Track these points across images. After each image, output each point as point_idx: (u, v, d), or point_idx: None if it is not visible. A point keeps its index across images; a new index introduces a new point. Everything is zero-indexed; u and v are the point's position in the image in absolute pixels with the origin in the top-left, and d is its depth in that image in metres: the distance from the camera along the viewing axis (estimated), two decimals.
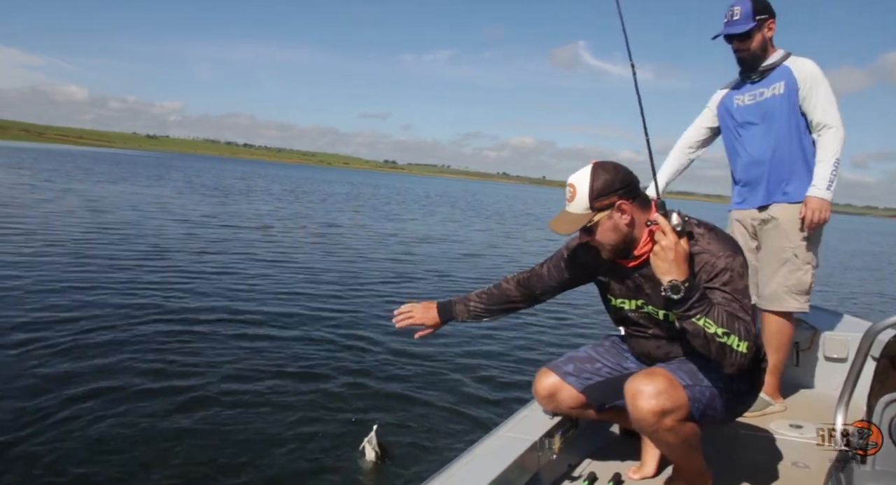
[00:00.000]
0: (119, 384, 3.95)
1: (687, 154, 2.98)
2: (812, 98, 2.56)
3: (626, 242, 1.73)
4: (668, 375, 1.69)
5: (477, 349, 5.45)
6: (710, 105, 2.91)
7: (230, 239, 11.31)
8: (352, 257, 10.47)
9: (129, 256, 8.33)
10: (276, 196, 26.48)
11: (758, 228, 2.74)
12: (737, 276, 1.63)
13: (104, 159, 60.74)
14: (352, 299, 7.11)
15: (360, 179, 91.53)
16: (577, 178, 1.71)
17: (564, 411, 2.03)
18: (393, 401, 4.06)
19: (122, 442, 3.21)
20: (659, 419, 1.64)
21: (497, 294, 2.07)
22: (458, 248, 13.53)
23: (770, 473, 2.08)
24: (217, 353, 4.72)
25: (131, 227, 11.58)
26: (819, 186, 2.53)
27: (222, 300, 6.42)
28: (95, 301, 5.91)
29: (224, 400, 3.85)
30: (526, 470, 1.84)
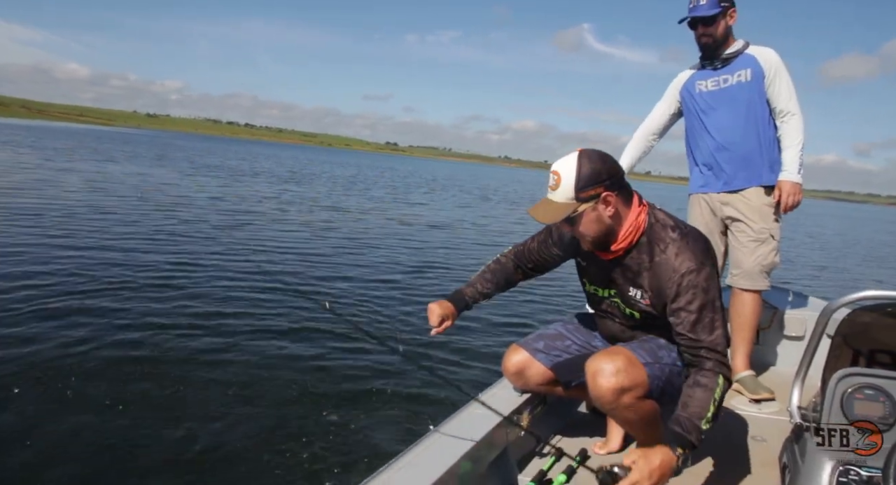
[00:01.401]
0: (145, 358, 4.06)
1: (650, 140, 3.07)
2: (776, 85, 2.66)
3: (608, 235, 1.72)
4: (629, 353, 1.76)
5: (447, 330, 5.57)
6: (671, 90, 2.97)
7: (237, 224, 11.11)
8: (371, 245, 10.29)
9: (134, 245, 8.21)
10: (282, 178, 26.27)
11: (726, 211, 2.82)
12: (700, 291, 1.63)
13: (106, 138, 60.43)
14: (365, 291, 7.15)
15: (363, 161, 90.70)
16: (562, 165, 1.67)
17: (533, 388, 2.08)
18: (358, 380, 4.13)
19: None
20: (618, 397, 1.70)
21: (499, 270, 2.12)
22: (474, 234, 13.39)
23: (730, 447, 2.17)
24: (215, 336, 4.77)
25: (136, 210, 11.48)
26: (790, 171, 2.66)
27: (235, 288, 6.38)
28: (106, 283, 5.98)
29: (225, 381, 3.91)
30: (495, 446, 1.88)
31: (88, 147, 35.82)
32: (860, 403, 1.35)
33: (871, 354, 1.52)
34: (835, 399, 1.36)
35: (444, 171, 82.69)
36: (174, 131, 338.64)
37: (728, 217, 2.83)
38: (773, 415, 2.50)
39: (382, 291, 6.86)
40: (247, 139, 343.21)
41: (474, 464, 1.71)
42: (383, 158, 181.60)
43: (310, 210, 14.83)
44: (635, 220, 1.72)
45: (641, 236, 1.73)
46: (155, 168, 23.91)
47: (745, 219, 2.75)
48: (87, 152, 29.76)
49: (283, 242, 9.62)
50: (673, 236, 1.70)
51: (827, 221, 48.09)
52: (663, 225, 1.72)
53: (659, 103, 3.03)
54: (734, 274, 2.81)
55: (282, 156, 65.06)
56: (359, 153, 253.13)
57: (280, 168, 36.34)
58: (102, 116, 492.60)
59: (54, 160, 22.00)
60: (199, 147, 65.20)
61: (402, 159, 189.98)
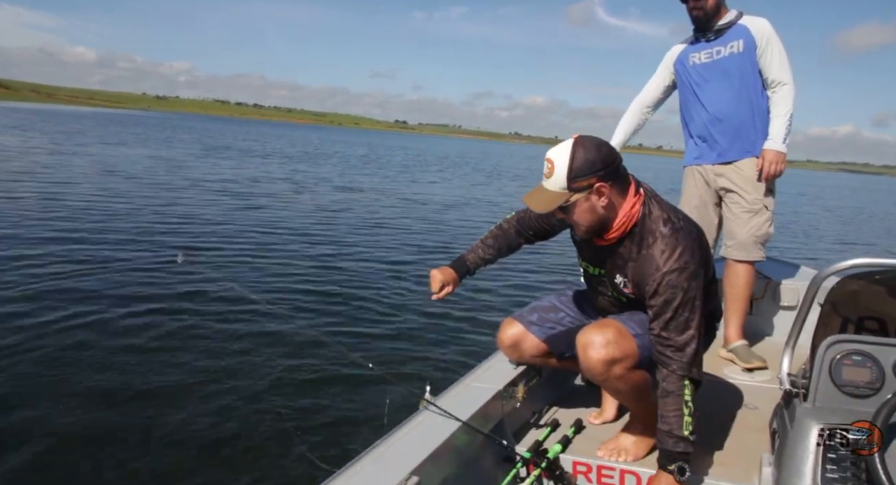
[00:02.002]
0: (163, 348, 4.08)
1: (644, 113, 3.06)
2: (768, 55, 2.65)
3: (601, 225, 1.71)
4: (619, 325, 1.77)
5: (441, 302, 5.58)
6: (665, 63, 2.96)
7: (251, 207, 11.06)
8: (388, 225, 10.27)
9: (145, 228, 8.25)
10: (295, 159, 26.33)
11: (720, 182, 2.82)
12: (679, 290, 1.63)
13: (116, 121, 60.67)
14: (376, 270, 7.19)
15: (373, 140, 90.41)
16: (557, 154, 1.64)
17: (528, 361, 2.10)
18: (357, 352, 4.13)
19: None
20: (608, 368, 1.72)
21: (501, 236, 2.13)
22: (488, 214, 13.38)
23: (723, 415, 2.22)
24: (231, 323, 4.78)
25: (150, 193, 11.50)
26: (775, 140, 2.66)
27: (249, 270, 6.43)
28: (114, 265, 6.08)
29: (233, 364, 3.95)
30: (490, 418, 1.90)
31: (99, 131, 36.00)
32: (848, 368, 1.37)
33: (859, 320, 1.54)
34: (823, 366, 1.39)
35: (455, 148, 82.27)
36: (183, 113, 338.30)
37: (722, 188, 2.83)
38: (764, 383, 2.54)
39: (394, 267, 6.93)
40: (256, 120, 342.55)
41: (470, 436, 1.73)
42: (393, 136, 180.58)
43: (325, 191, 14.87)
44: (629, 210, 1.70)
45: (634, 227, 1.72)
46: (167, 150, 24.05)
47: (738, 190, 2.75)
48: (99, 136, 29.93)
49: (301, 223, 9.63)
50: (663, 231, 1.68)
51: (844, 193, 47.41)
52: (656, 218, 1.71)
53: (653, 77, 3.02)
54: (728, 245, 2.81)
55: (293, 136, 65.03)
56: (368, 132, 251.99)
57: (292, 148, 36.39)
58: (111, 99, 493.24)
59: (65, 144, 22.21)
60: (210, 128, 65.43)
61: (412, 137, 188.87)
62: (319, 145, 45.58)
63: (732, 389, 2.49)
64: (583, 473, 1.89)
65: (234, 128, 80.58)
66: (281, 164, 22.45)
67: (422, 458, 1.48)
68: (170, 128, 53.58)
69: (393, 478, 1.39)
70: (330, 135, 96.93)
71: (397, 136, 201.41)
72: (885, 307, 1.52)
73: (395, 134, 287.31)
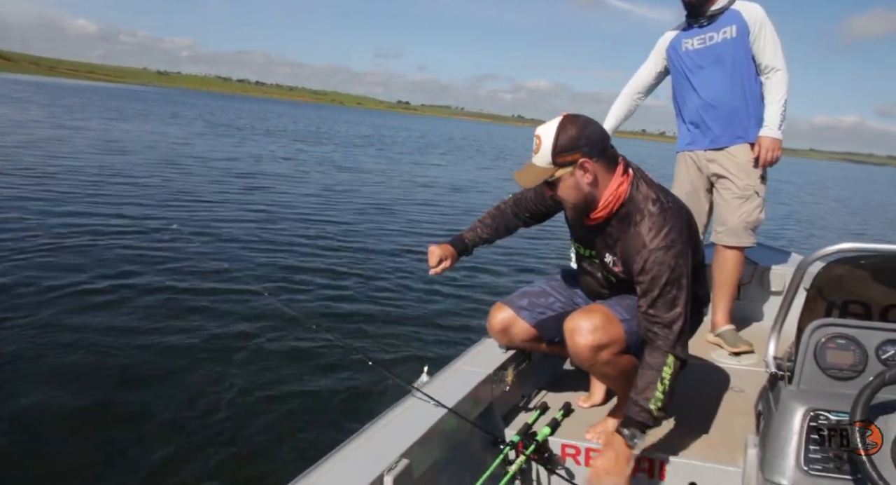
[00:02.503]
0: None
1: (635, 99, 3.05)
2: (761, 41, 2.64)
3: (587, 202, 1.72)
4: (606, 310, 1.78)
5: (433, 287, 5.60)
6: (657, 49, 2.95)
7: (254, 187, 10.86)
8: (394, 209, 10.17)
9: (148, 207, 8.16)
10: (298, 138, 26.06)
11: (712, 168, 2.82)
12: (666, 268, 1.64)
13: (118, 95, 60.23)
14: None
15: (376, 120, 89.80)
16: (544, 130, 1.68)
17: (517, 345, 2.11)
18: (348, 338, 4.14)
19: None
20: (595, 353, 1.73)
21: (499, 216, 2.16)
22: (493, 198, 13.34)
23: (710, 398, 2.25)
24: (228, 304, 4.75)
25: (152, 171, 11.37)
26: (771, 127, 2.65)
27: (251, 251, 6.39)
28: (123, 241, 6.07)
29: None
30: (480, 401, 1.91)
31: (101, 105, 35.82)
32: (832, 352, 1.39)
33: (844, 305, 1.56)
34: (808, 349, 1.41)
35: (458, 130, 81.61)
36: (185, 89, 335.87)
37: (714, 174, 2.83)
38: (751, 367, 2.57)
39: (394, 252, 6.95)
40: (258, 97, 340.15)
41: (460, 420, 1.74)
42: (396, 116, 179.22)
43: (328, 172, 14.75)
44: (616, 189, 1.71)
45: (622, 206, 1.73)
46: (170, 127, 23.92)
47: (730, 176, 2.75)
48: (101, 110, 29.82)
49: (301, 205, 9.54)
50: (651, 210, 1.69)
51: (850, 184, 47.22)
52: (645, 197, 1.71)
53: (645, 63, 3.02)
54: (718, 231, 2.81)
55: (295, 114, 64.56)
56: (371, 112, 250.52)
57: (295, 126, 36.24)
58: (113, 73, 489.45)
59: (66, 118, 22.08)
60: (212, 105, 64.90)
61: (415, 119, 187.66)
62: (322, 124, 45.29)
63: (719, 372, 2.53)
64: (571, 455, 1.92)
65: (236, 105, 79.93)
66: (283, 144, 22.26)
67: (411, 441, 1.49)
68: (171, 103, 53.25)
69: (383, 461, 1.40)
70: (332, 114, 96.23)
71: (400, 116, 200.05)
72: (868, 292, 1.54)
73: (397, 114, 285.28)
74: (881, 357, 1.37)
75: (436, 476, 1.61)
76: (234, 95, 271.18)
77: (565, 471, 1.90)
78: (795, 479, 1.28)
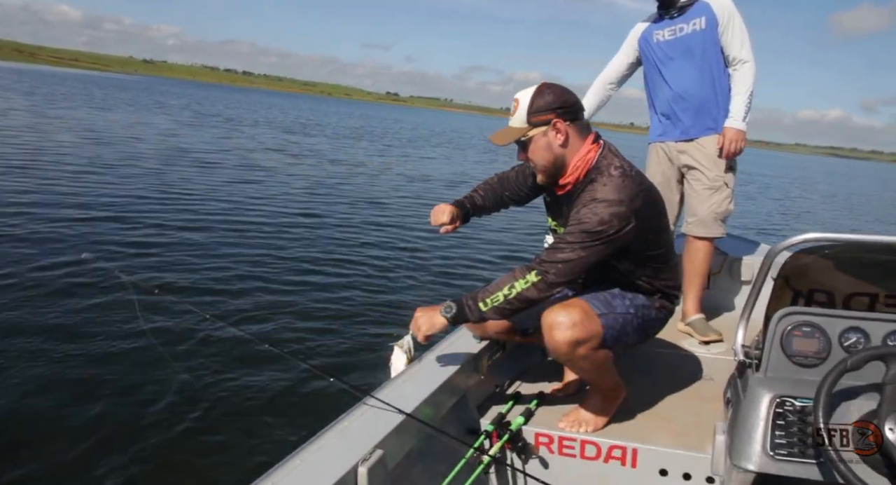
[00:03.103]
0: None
1: (608, 89, 3.07)
2: (729, 33, 2.67)
3: (557, 166, 1.79)
4: (584, 305, 1.79)
5: (410, 274, 5.68)
6: (629, 40, 2.97)
7: (250, 180, 10.57)
8: (388, 203, 9.97)
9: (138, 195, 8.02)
10: (290, 130, 25.67)
11: (683, 159, 2.85)
12: (595, 219, 1.66)
13: (104, 84, 59.26)
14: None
15: (366, 111, 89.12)
16: (523, 93, 1.78)
17: (491, 336, 2.13)
18: (315, 331, 4.14)
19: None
20: (573, 349, 1.74)
21: (490, 190, 2.18)
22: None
23: (680, 386, 2.29)
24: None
25: (135, 162, 11.17)
26: (736, 118, 2.69)
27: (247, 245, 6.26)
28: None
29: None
30: (454, 391, 1.92)
31: (86, 94, 35.11)
32: (798, 339, 1.42)
33: (809, 293, 1.58)
34: (775, 337, 1.43)
35: (449, 123, 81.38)
36: (171, 78, 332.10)
37: (684, 165, 2.85)
38: (720, 355, 2.62)
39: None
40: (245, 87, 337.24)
41: (434, 409, 1.75)
42: (385, 108, 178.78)
43: (325, 165, 14.48)
44: (585, 155, 1.77)
45: (589, 173, 1.78)
46: (158, 117, 23.47)
47: (700, 167, 2.78)
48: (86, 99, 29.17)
49: (304, 201, 9.20)
50: (612, 173, 1.74)
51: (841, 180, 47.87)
52: (609, 164, 1.76)
53: (617, 53, 3.04)
54: (689, 222, 2.85)
55: (283, 105, 63.90)
56: (360, 103, 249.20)
57: (284, 117, 35.92)
58: (98, 61, 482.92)
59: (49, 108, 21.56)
60: (199, 95, 64.07)
61: (404, 110, 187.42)
62: (312, 115, 44.89)
63: (689, 361, 2.57)
64: (545, 444, 1.94)
65: (224, 95, 79.11)
66: (272, 134, 21.97)
67: (385, 432, 1.49)
68: (158, 93, 52.34)
69: (357, 452, 1.39)
70: (321, 105, 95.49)
71: (389, 108, 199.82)
72: (832, 280, 1.56)
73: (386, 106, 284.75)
74: (843, 344, 1.40)
75: (410, 466, 1.62)
76: (221, 85, 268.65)
77: (539, 459, 1.94)
78: (762, 463, 1.31)
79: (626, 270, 1.86)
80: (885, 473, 1.19)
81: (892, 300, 1.52)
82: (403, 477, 1.57)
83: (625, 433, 1.92)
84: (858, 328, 1.40)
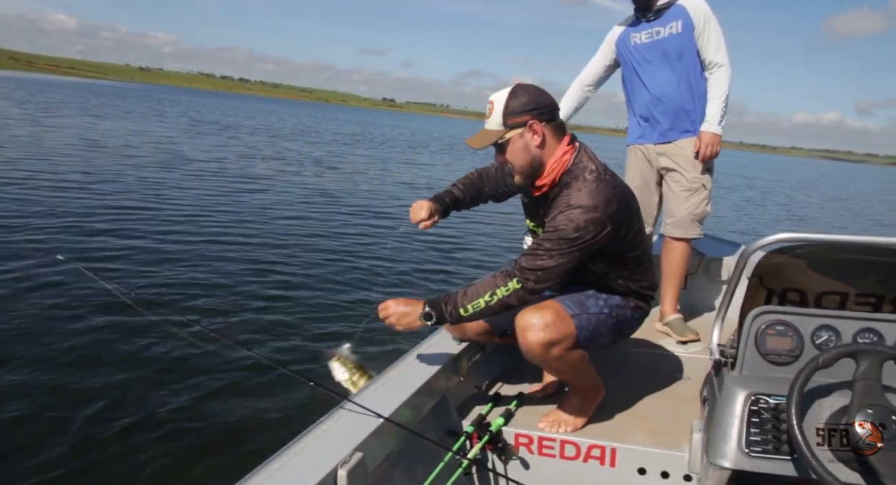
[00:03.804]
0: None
1: (585, 91, 3.08)
2: (705, 37, 2.69)
3: (534, 167, 1.79)
4: (557, 306, 1.80)
5: (384, 279, 5.68)
6: (607, 42, 2.98)
7: (255, 189, 10.47)
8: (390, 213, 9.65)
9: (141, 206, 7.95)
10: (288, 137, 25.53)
11: (662, 161, 2.87)
12: (571, 226, 1.67)
13: (101, 92, 59.13)
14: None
15: (364, 117, 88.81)
16: (497, 95, 1.77)
17: (471, 338, 2.15)
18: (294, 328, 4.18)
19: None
20: (547, 350, 1.75)
21: (470, 184, 2.19)
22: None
23: (657, 386, 2.32)
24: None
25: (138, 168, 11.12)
26: (711, 122, 2.73)
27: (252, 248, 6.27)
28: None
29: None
30: (434, 393, 1.93)
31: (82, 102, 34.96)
32: (771, 338, 1.44)
33: (782, 292, 1.60)
34: (750, 336, 1.45)
35: (446, 129, 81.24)
36: (168, 85, 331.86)
37: (663, 167, 2.88)
38: (697, 354, 2.65)
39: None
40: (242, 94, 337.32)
41: (414, 411, 1.76)
42: (382, 114, 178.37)
43: (325, 173, 14.37)
44: (561, 157, 1.78)
45: (564, 175, 1.78)
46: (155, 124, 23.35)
47: (679, 169, 2.81)
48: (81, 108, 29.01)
49: (319, 212, 9.06)
50: (587, 178, 1.74)
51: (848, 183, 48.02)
52: (584, 168, 1.76)
53: (595, 56, 3.04)
54: (667, 223, 2.88)
55: (281, 112, 63.61)
56: (357, 109, 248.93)
57: (282, 124, 35.80)
58: (95, 69, 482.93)
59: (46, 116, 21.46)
60: (197, 102, 63.85)
61: (401, 116, 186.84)
62: (310, 122, 44.74)
63: (667, 361, 2.60)
64: (525, 444, 1.96)
65: (221, 102, 78.91)
66: (270, 142, 21.80)
67: (365, 434, 1.49)
68: (155, 101, 52.18)
69: (337, 455, 1.39)
70: (318, 111, 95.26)
71: (386, 114, 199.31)
72: (804, 279, 1.58)
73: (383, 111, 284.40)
74: (815, 342, 1.42)
75: (390, 469, 1.62)
76: (217, 92, 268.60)
77: (519, 460, 1.96)
78: (737, 461, 1.32)
79: (600, 272, 1.88)
80: (856, 468, 1.21)
81: (862, 299, 1.55)
82: (384, 480, 1.57)
83: (604, 433, 1.94)
84: (830, 326, 1.42)
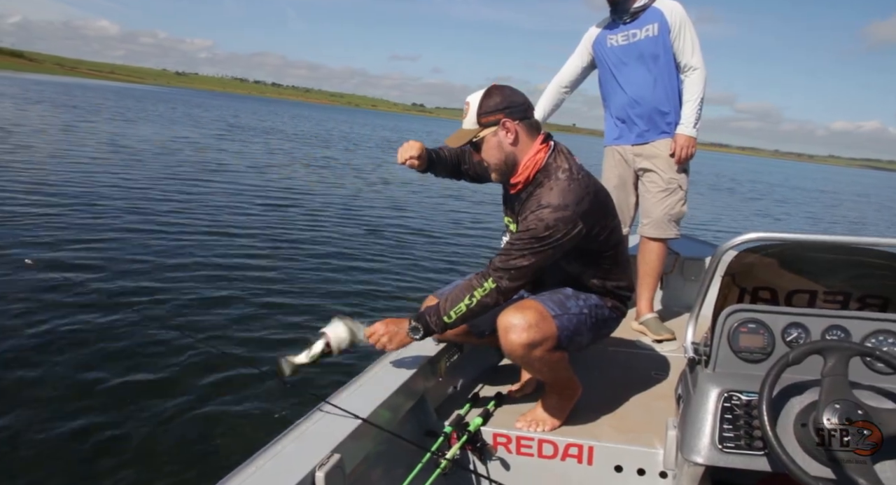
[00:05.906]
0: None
1: (562, 92, 3.08)
2: (680, 40, 2.70)
3: (509, 165, 1.82)
4: (539, 306, 1.80)
5: (365, 278, 5.69)
6: (583, 43, 2.98)
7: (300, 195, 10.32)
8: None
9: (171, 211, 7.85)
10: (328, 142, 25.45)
11: (638, 162, 2.89)
12: (542, 225, 1.69)
13: (140, 96, 60.34)
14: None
15: (397, 123, 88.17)
16: (473, 97, 1.82)
17: (449, 338, 2.14)
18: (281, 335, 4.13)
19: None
20: (529, 350, 1.76)
21: (453, 152, 2.18)
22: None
23: (633, 384, 2.33)
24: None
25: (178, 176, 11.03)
26: (686, 125, 2.75)
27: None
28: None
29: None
30: (412, 394, 1.94)
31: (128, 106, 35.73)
32: (744, 335, 1.45)
33: (754, 291, 1.61)
34: (723, 333, 1.46)
35: None
36: (202, 90, 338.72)
37: (640, 168, 2.90)
38: (672, 353, 2.67)
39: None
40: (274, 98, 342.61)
41: (392, 412, 1.77)
42: (412, 119, 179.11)
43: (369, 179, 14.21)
44: (534, 155, 1.80)
45: (538, 174, 1.80)
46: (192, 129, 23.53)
47: (655, 169, 2.83)
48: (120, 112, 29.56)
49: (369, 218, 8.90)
50: (559, 177, 1.76)
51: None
52: (557, 167, 1.78)
53: (572, 57, 3.04)
54: (644, 224, 2.91)
55: (315, 117, 63.84)
56: (387, 114, 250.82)
57: (318, 129, 35.90)
58: (133, 74, 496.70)
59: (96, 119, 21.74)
60: (232, 106, 64.68)
61: (431, 121, 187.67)
62: (345, 128, 44.49)
63: (643, 359, 2.62)
64: (503, 444, 1.97)
65: (255, 106, 79.96)
66: (306, 147, 21.60)
67: (343, 435, 1.49)
68: (194, 105, 52.86)
69: (314, 456, 1.38)
70: (351, 116, 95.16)
71: (416, 119, 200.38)
72: (775, 278, 1.59)
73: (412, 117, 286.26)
74: (786, 340, 1.43)
75: (369, 470, 1.63)
76: (250, 97, 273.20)
77: (498, 460, 1.97)
78: (710, 456, 1.33)
79: (576, 272, 1.90)
80: (825, 462, 1.22)
81: (830, 296, 1.57)
82: (362, 481, 1.58)
83: (581, 431, 1.97)
84: (799, 324, 1.44)
